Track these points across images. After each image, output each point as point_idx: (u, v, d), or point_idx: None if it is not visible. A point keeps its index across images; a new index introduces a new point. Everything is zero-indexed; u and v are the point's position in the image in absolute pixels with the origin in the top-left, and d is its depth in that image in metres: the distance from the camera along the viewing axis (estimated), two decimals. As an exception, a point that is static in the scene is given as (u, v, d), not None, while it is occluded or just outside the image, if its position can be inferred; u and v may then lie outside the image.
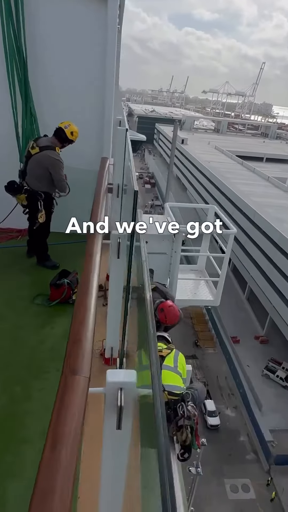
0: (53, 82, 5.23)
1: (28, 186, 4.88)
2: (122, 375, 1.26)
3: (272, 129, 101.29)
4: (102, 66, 5.00)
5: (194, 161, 55.59)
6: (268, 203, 35.78)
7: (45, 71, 5.17)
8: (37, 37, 4.93)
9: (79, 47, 5.05)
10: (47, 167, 4.78)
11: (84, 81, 5.22)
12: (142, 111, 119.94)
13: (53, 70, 5.18)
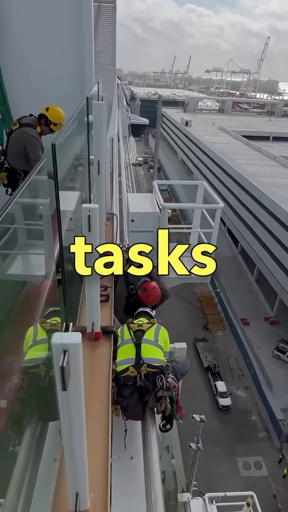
0: (26, 59, 4.94)
1: (8, 164, 4.79)
2: (68, 337, 1.26)
3: (279, 106, 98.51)
4: (79, 40, 4.79)
5: (198, 143, 54.66)
6: (275, 183, 35.15)
7: (17, 47, 4.87)
8: (6, 12, 4.67)
9: (52, 20, 4.77)
10: (24, 144, 4.67)
11: (60, 57, 4.96)
12: (145, 94, 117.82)
13: (25, 45, 4.89)
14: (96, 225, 2.52)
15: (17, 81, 5.04)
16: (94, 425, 2.40)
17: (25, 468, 2.41)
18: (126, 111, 28.67)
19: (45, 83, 4.94)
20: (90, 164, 3.63)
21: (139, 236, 4.42)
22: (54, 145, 1.40)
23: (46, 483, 2.39)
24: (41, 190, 2.58)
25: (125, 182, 15.51)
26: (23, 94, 4.97)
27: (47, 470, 2.58)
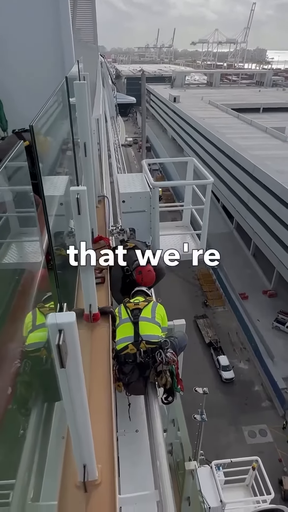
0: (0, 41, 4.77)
1: None
2: (62, 317, 1.30)
3: (268, 76, 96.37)
4: (56, 18, 4.59)
5: (188, 119, 53.69)
6: (267, 155, 34.82)
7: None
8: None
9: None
10: None
11: (36, 37, 4.74)
12: (130, 71, 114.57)
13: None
14: (86, 208, 2.52)
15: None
16: (97, 401, 2.48)
17: (34, 448, 2.50)
18: (112, 90, 27.99)
19: (22, 65, 4.76)
20: (75, 146, 3.58)
21: (131, 217, 4.42)
22: (32, 127, 1.39)
23: (55, 460, 2.48)
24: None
25: (116, 164, 15.33)
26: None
27: (55, 448, 2.67)
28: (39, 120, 1.70)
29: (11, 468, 2.29)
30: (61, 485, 2.01)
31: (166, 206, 5.14)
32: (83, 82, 3.20)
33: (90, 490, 1.94)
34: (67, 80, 2.86)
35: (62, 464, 2.19)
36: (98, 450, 2.03)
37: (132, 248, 3.95)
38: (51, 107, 3.11)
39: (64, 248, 4.02)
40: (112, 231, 4.66)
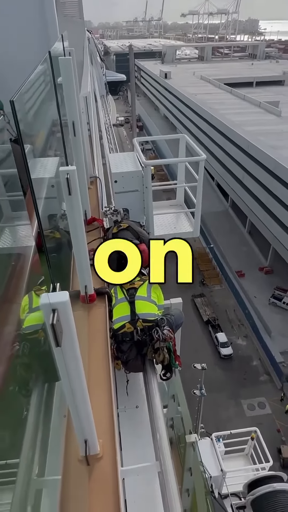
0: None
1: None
2: (55, 297, 1.30)
3: (260, 48, 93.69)
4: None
5: (180, 96, 52.49)
6: (261, 131, 34.32)
7: None
8: None
9: None
10: None
11: (18, 12, 4.52)
12: (119, 47, 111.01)
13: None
14: (77, 188, 2.48)
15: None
16: (97, 379, 2.52)
17: (37, 427, 2.56)
18: (101, 68, 27.16)
19: (4, 42, 4.57)
20: (62, 126, 3.49)
21: (124, 197, 4.37)
22: (13, 102, 1.34)
23: (58, 438, 2.55)
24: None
25: (107, 145, 15.06)
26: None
27: (57, 426, 2.74)
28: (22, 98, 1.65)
29: (16, 447, 2.35)
30: (64, 460, 2.07)
31: (159, 185, 5.08)
32: (68, 58, 3.09)
33: (93, 463, 1.99)
34: (51, 55, 2.75)
35: (64, 441, 2.24)
36: (99, 426, 2.08)
37: (126, 228, 3.94)
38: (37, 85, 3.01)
39: (58, 231, 3.99)
40: (105, 212, 4.62)
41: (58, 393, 2.93)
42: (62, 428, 2.52)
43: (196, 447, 4.80)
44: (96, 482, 1.91)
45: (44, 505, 2.21)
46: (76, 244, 2.78)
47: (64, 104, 3.55)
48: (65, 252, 3.74)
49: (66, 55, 3.44)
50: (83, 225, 2.70)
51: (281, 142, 31.50)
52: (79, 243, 2.75)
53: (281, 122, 38.17)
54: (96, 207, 4.86)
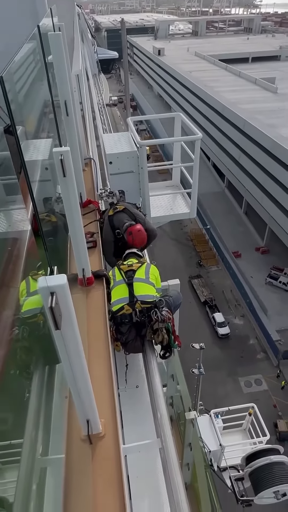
0: None
1: None
2: (52, 280, 1.29)
3: (256, 21, 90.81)
4: None
5: (174, 73, 51.19)
6: (257, 108, 33.71)
7: None
8: None
9: None
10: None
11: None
12: (110, 23, 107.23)
13: None
14: (71, 170, 2.43)
15: None
16: (97, 361, 2.55)
17: (39, 409, 2.60)
18: (92, 45, 26.28)
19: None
20: (54, 105, 3.39)
21: (119, 179, 4.31)
22: (1, 78, 1.29)
23: (60, 418, 2.59)
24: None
25: (101, 126, 14.74)
26: None
27: (59, 407, 2.78)
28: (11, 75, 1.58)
29: (20, 428, 2.40)
30: (67, 439, 2.11)
31: (154, 166, 5.00)
32: (58, 33, 2.96)
33: (95, 442, 2.04)
34: (40, 29, 2.64)
35: (66, 421, 2.28)
36: (100, 406, 2.12)
37: (122, 210, 3.90)
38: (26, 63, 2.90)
39: (53, 214, 3.94)
40: (101, 195, 4.57)
41: (59, 375, 2.97)
42: (64, 409, 2.56)
43: (196, 423, 4.93)
44: (99, 460, 1.96)
45: (49, 483, 2.27)
46: (72, 227, 2.75)
47: (55, 83, 3.44)
48: (61, 236, 3.71)
49: (56, 30, 3.30)
50: (79, 207, 2.66)
51: (278, 120, 31.03)
52: (76, 226, 2.72)
53: (278, 99, 37.46)
54: (91, 189, 4.80)
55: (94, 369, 2.23)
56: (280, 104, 35.48)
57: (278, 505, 5.25)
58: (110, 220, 3.88)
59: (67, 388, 2.72)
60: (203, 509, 4.52)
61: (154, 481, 2.41)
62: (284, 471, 4.84)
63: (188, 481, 5.22)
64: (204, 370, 12.69)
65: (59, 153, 2.23)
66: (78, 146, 4.04)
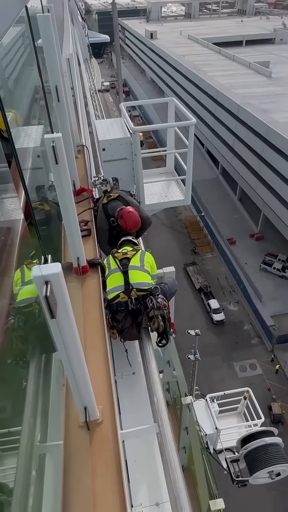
0: None
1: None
2: (47, 268, 1.28)
3: (250, 3, 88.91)
4: None
5: (167, 57, 50.25)
6: (251, 93, 33.33)
7: None
8: None
9: None
10: None
11: None
12: (101, 5, 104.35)
13: None
14: (63, 157, 2.39)
15: None
16: (93, 348, 2.56)
17: (36, 397, 2.62)
18: (82, 28, 25.60)
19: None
20: (45, 90, 3.31)
21: (113, 166, 4.25)
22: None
23: (58, 406, 2.61)
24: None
25: (93, 112, 14.51)
26: None
27: (57, 395, 2.80)
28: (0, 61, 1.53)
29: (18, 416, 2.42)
30: (65, 426, 2.13)
31: (148, 152, 4.94)
32: (47, 14, 2.87)
33: (93, 428, 2.06)
34: (28, 10, 2.54)
35: (64, 408, 2.30)
36: (97, 393, 2.13)
37: (117, 198, 3.86)
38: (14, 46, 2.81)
39: (46, 203, 3.90)
40: (94, 182, 4.51)
41: (56, 363, 2.98)
42: (61, 396, 2.58)
43: (192, 408, 5.01)
44: (97, 445, 1.98)
45: (48, 469, 2.30)
46: (66, 216, 2.72)
47: (45, 67, 3.35)
48: (55, 224, 3.68)
49: (45, 12, 3.20)
50: (72, 195, 2.63)
51: (273, 105, 30.75)
52: (69, 214, 2.69)
53: (272, 83, 37.04)
54: (85, 177, 4.74)
55: (90, 357, 2.24)
56: (274, 89, 35.11)
57: (272, 484, 5.40)
58: (104, 208, 3.84)
59: (65, 376, 2.75)
60: (199, 490, 4.63)
61: (151, 465, 2.46)
62: (278, 452, 4.96)
63: (185, 464, 5.33)
64: (199, 356, 12.87)
65: (51, 140, 2.18)
66: (71, 132, 3.97)
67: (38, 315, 2.71)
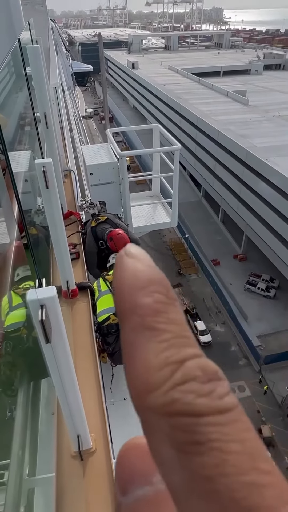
0: None
1: None
2: (42, 292, 1.26)
3: (226, 37, 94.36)
4: None
5: (148, 86, 52.17)
6: (230, 120, 34.81)
7: None
8: None
9: None
10: None
11: None
12: (84, 37, 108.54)
13: None
14: (54, 181, 2.41)
15: None
16: (84, 374, 2.50)
17: (25, 427, 2.52)
18: (66, 58, 26.44)
19: None
20: (34, 116, 3.38)
21: (100, 189, 4.31)
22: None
23: (48, 436, 2.51)
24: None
25: (78, 137, 14.76)
26: None
27: (46, 424, 2.70)
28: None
29: (5, 448, 2.30)
30: (57, 457, 2.05)
31: (135, 176, 5.04)
32: (36, 46, 2.97)
33: (86, 458, 1.98)
34: (20, 42, 2.64)
35: (55, 438, 2.22)
36: (89, 420, 2.07)
37: (105, 221, 3.89)
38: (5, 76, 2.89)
39: (34, 227, 3.89)
40: (81, 206, 4.55)
41: (44, 391, 2.89)
42: (51, 425, 2.49)
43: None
44: (91, 476, 1.91)
45: (39, 503, 2.18)
46: (55, 239, 2.72)
47: (33, 95, 3.43)
48: (43, 248, 3.66)
49: (34, 43, 3.31)
50: (62, 219, 2.64)
51: (250, 131, 32.10)
52: (59, 237, 2.69)
53: (249, 110, 38.82)
54: (72, 200, 4.77)
55: (82, 383, 2.19)
56: (251, 116, 36.77)
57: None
58: (93, 231, 3.86)
59: (54, 404, 2.66)
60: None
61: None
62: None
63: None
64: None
65: (41, 165, 2.21)
66: (58, 157, 4.02)
67: (27, 340, 2.65)
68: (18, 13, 4.06)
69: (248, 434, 0.22)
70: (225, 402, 0.23)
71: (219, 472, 0.20)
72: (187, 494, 0.21)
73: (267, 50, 78.84)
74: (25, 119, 4.06)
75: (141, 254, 0.28)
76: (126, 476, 0.27)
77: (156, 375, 0.23)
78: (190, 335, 0.25)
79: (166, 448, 0.22)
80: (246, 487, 0.20)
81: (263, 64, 62.21)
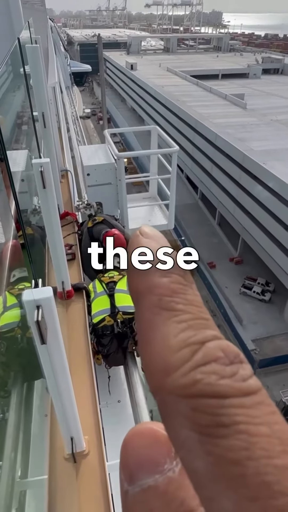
0: None
1: None
2: (38, 293, 1.26)
3: (225, 40, 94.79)
4: None
5: (147, 87, 52.27)
6: (228, 123, 34.93)
7: None
8: None
9: None
10: None
11: None
12: (83, 37, 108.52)
13: None
14: (51, 181, 2.40)
15: None
16: (78, 376, 2.49)
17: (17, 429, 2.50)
18: (65, 58, 26.43)
19: None
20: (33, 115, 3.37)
21: (97, 190, 4.31)
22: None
23: (41, 438, 2.50)
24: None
25: (75, 137, 14.74)
26: None
27: (39, 425, 2.68)
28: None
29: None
30: (49, 459, 2.03)
31: (132, 178, 5.05)
32: (35, 45, 2.96)
33: (79, 460, 1.97)
34: (20, 41, 2.63)
35: (48, 440, 2.20)
36: (83, 422, 2.05)
37: (101, 222, 3.89)
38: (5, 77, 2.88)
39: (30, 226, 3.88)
40: (78, 207, 4.53)
41: (38, 392, 2.88)
42: (45, 427, 2.48)
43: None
44: (84, 478, 1.89)
45: (31, 505, 2.17)
46: (51, 240, 2.71)
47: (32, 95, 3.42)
48: (38, 248, 3.65)
49: (33, 43, 3.30)
50: (58, 219, 2.63)
51: (248, 134, 32.24)
52: (55, 238, 2.68)
53: (247, 114, 39.01)
54: (69, 201, 4.76)
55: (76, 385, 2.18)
56: (249, 119, 36.95)
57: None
58: (89, 231, 3.85)
59: (47, 406, 2.65)
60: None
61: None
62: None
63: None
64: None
65: (38, 165, 2.20)
66: (56, 157, 4.01)
67: (21, 340, 2.63)
68: (17, 13, 4.04)
69: (275, 417, 0.22)
70: (249, 384, 0.23)
71: (247, 455, 0.19)
72: (211, 480, 0.20)
73: (266, 54, 79.30)
74: (22, 118, 4.05)
75: (156, 234, 0.28)
76: (133, 463, 0.26)
77: (176, 355, 0.23)
78: (209, 317, 0.25)
79: (187, 432, 0.21)
80: (279, 470, 0.19)
81: (262, 68, 62.57)
